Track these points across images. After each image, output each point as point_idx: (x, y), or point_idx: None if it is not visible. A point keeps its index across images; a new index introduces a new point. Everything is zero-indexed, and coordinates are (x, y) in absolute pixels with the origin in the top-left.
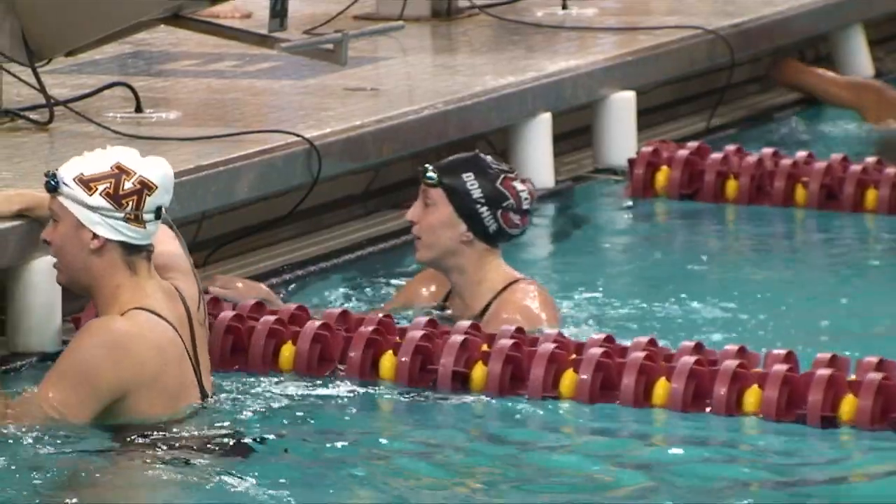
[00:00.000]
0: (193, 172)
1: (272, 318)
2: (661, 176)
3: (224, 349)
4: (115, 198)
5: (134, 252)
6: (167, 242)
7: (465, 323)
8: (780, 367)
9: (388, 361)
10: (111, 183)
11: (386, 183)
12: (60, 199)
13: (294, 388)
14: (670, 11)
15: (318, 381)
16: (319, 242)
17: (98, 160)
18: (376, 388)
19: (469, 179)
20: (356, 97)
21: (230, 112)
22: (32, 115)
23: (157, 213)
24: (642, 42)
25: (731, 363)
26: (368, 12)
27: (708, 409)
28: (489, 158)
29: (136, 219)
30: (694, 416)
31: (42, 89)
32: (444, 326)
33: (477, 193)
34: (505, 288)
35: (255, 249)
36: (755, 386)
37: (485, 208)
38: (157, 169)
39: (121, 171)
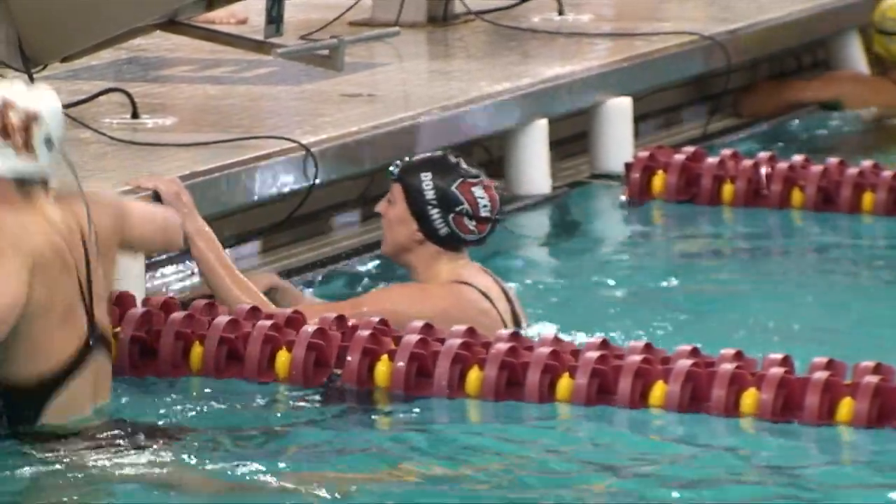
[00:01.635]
0: (190, 178)
1: (268, 322)
2: (658, 181)
3: (219, 356)
4: (3, 132)
5: (28, 184)
6: None
7: (462, 328)
8: (777, 370)
9: (383, 367)
10: None
11: (382, 189)
12: None
13: (288, 394)
14: (666, 17)
15: (313, 388)
16: (316, 248)
17: None
18: (372, 394)
19: (425, 179)
20: (352, 103)
21: (226, 118)
22: None
23: (48, 143)
24: (638, 48)
25: (729, 366)
26: (364, 18)
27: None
28: (456, 161)
29: (26, 147)
30: (691, 418)
31: None
32: (441, 332)
33: (430, 194)
34: None
35: (251, 255)
36: (752, 388)
37: (435, 210)
38: (42, 100)
39: (6, 106)
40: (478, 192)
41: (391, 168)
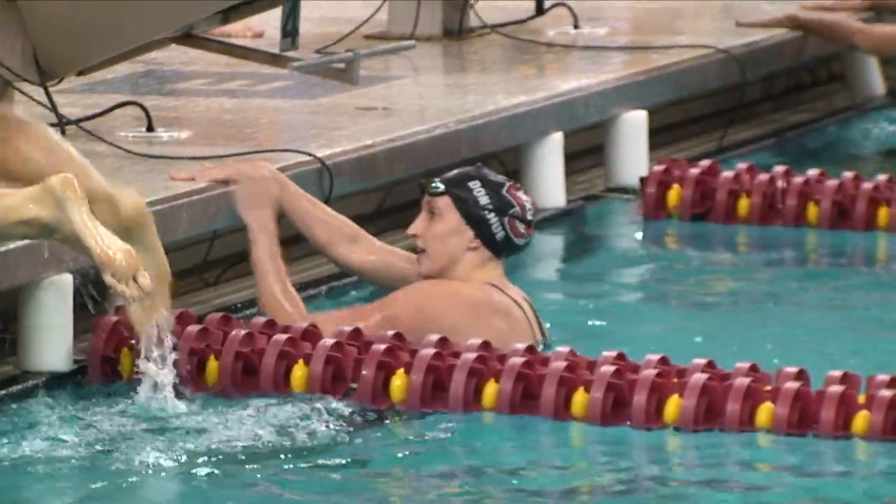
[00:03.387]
0: (205, 191)
1: (283, 336)
2: (673, 194)
3: (235, 371)
4: None
5: None
6: None
7: (476, 342)
8: (793, 384)
9: (399, 381)
10: None
11: (397, 202)
12: None
13: (304, 407)
14: (681, 31)
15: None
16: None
17: None
18: (388, 408)
19: (476, 187)
20: (368, 116)
21: (242, 131)
22: None
23: None
24: (654, 61)
25: (744, 380)
26: (380, 31)
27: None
28: (491, 171)
29: None
30: (705, 433)
31: (54, 108)
32: (457, 346)
33: (484, 200)
34: None
35: None
36: (768, 402)
37: (492, 215)
38: None
39: None
40: (522, 195)
41: (434, 184)
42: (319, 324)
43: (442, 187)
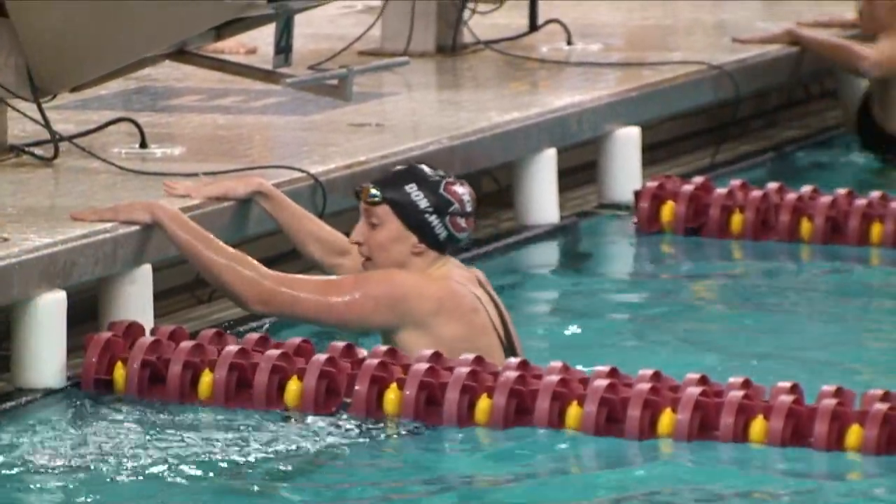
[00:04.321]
0: (199, 208)
1: (276, 352)
2: (667, 210)
3: (229, 386)
4: None
5: None
6: None
7: (469, 356)
8: (786, 399)
9: (392, 395)
10: None
11: None
12: None
13: (298, 423)
14: (675, 47)
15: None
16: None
17: None
18: (381, 423)
19: (413, 191)
20: (361, 133)
21: (235, 147)
22: (37, 151)
23: None
24: (647, 77)
25: (737, 394)
26: (373, 48)
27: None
28: (426, 168)
29: None
30: (699, 446)
31: (47, 125)
32: (449, 360)
33: (423, 203)
34: None
35: None
36: (760, 417)
37: (433, 217)
38: None
39: None
40: (460, 189)
41: (371, 193)
42: (289, 283)
43: (379, 196)
